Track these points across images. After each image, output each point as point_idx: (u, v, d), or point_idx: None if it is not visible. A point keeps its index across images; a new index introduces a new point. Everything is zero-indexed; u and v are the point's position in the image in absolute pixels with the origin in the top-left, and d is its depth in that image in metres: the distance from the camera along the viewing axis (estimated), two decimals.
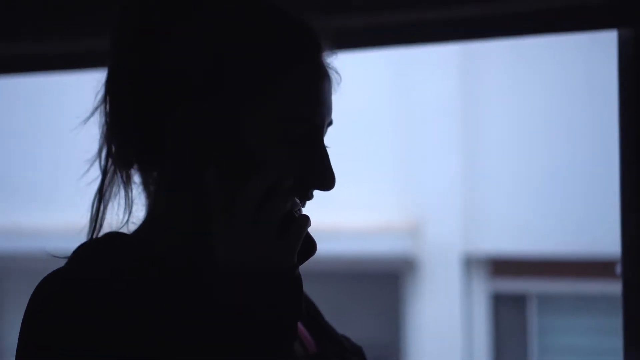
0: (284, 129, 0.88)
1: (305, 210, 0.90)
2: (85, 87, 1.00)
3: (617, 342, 1.30)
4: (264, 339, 0.81)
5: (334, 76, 0.94)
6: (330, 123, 0.94)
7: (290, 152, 0.88)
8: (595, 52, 5.13)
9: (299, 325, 0.99)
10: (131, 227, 0.95)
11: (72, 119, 0.96)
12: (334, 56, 0.94)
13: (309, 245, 0.87)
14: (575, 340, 5.63)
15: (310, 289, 1.06)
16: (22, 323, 0.85)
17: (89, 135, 0.99)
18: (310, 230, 0.87)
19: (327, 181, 0.91)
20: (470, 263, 5.66)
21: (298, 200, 0.87)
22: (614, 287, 1.31)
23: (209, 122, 0.87)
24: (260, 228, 0.83)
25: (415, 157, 5.65)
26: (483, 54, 5.54)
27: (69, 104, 5.51)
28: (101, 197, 0.93)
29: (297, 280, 0.84)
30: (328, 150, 0.92)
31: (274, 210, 0.83)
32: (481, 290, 5.68)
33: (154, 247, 0.92)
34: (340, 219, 5.47)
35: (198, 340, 0.82)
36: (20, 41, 1.52)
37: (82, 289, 0.84)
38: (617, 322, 1.30)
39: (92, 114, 0.94)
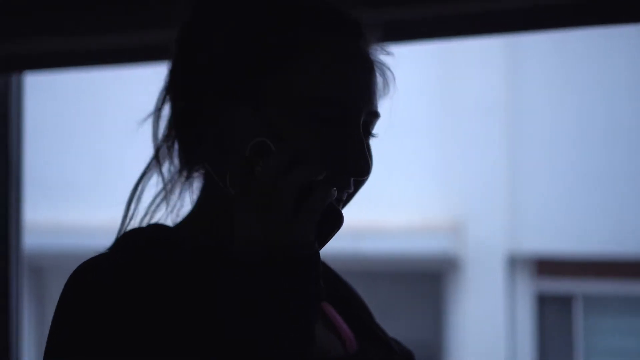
0: (310, 107, 0.87)
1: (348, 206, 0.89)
2: (128, 83, 1.02)
3: None
4: (278, 322, 0.79)
5: (381, 70, 0.94)
6: (376, 115, 0.93)
7: (318, 132, 0.87)
8: None
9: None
10: (177, 220, 0.98)
11: (114, 115, 0.99)
12: (384, 51, 0.95)
13: (334, 218, 0.82)
14: (623, 342, 5.53)
15: None
16: (57, 305, 0.84)
17: (131, 133, 1.08)
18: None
19: (359, 167, 0.88)
20: (514, 263, 5.58)
21: (323, 175, 0.84)
22: None
23: (243, 109, 0.88)
24: (274, 203, 0.80)
25: (458, 154, 5.59)
26: (527, 49, 5.46)
27: (111, 100, 5.54)
28: (134, 189, 0.97)
29: (314, 258, 0.81)
30: (370, 139, 0.91)
31: (290, 185, 0.81)
32: (525, 291, 5.59)
33: (190, 239, 0.93)
34: (382, 218, 5.43)
35: (215, 328, 0.81)
36: (80, 35, 1.54)
37: (118, 275, 0.84)
38: None
39: (154, 112, 0.97)
